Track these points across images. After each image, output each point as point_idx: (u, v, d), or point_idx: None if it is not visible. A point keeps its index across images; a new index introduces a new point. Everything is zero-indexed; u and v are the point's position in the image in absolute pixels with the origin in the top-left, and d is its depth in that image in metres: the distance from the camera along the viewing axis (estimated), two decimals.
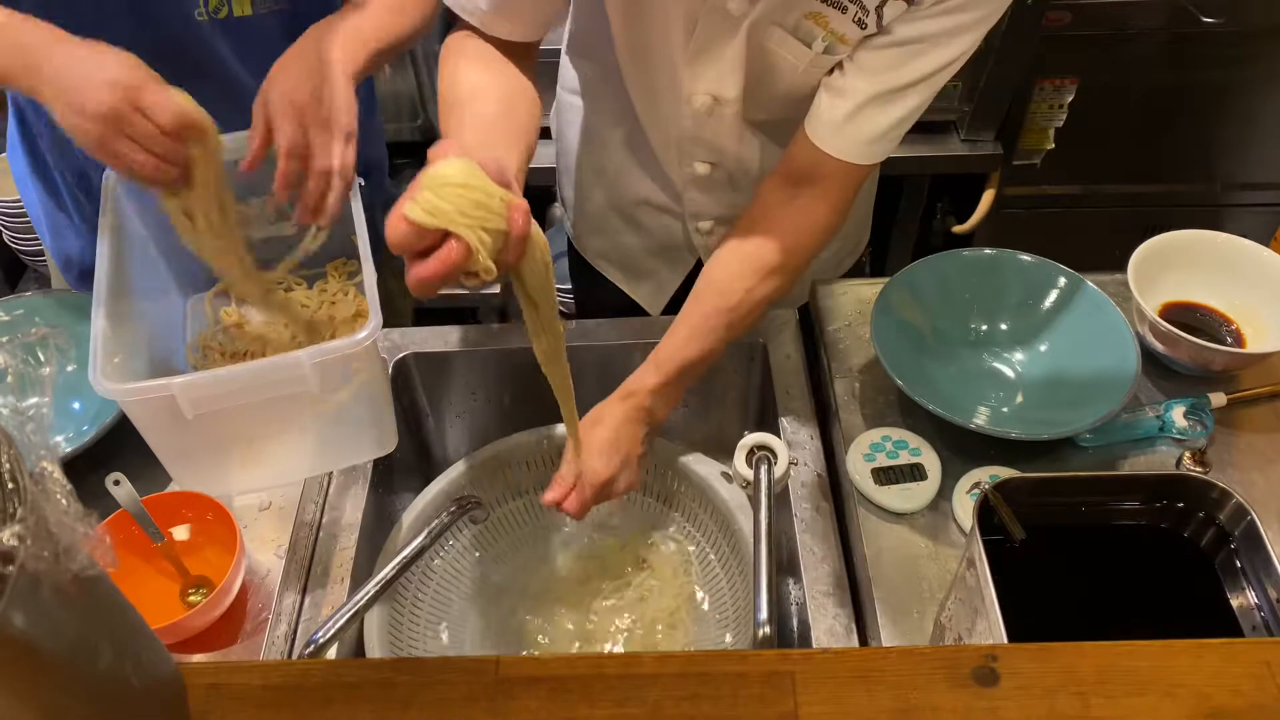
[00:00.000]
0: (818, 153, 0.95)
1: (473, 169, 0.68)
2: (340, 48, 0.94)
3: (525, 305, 0.80)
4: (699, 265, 1.19)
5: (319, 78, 0.91)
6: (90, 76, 0.81)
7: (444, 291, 0.72)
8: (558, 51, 1.19)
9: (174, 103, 0.82)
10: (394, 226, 0.67)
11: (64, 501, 0.45)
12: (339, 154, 0.90)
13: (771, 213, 0.99)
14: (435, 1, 1.07)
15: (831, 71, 0.93)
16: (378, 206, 1.30)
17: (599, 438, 0.98)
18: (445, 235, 0.67)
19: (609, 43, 1.03)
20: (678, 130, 1.06)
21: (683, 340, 1.00)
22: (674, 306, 1.25)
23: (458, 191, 0.66)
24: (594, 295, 1.36)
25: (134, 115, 0.81)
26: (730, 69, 0.96)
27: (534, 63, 1.00)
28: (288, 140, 0.88)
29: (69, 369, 1.07)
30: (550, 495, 0.99)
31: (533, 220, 0.72)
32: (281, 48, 0.94)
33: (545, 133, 1.82)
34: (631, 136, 1.14)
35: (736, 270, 1.00)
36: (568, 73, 1.19)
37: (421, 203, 0.66)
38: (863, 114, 0.92)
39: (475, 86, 0.92)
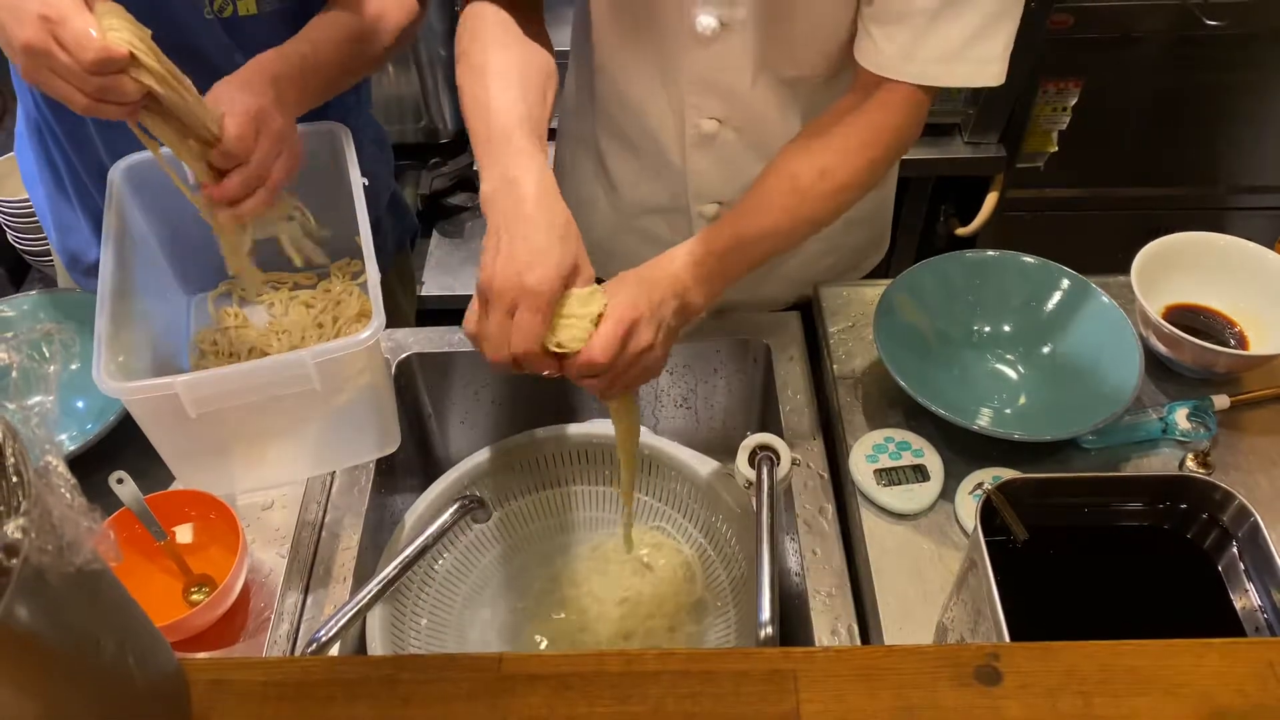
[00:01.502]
0: (888, 79, 0.87)
1: (590, 299, 0.80)
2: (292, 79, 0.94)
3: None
4: None
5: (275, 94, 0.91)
6: (20, 7, 0.76)
7: (442, 293, 0.74)
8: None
9: (90, 39, 0.75)
10: (538, 358, 0.79)
11: (68, 496, 0.45)
12: (280, 168, 0.90)
13: (847, 112, 0.90)
14: (404, 33, 1.08)
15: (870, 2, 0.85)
16: (383, 208, 1.31)
17: (617, 284, 0.84)
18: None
19: (593, 23, 0.99)
20: (680, 73, 0.98)
21: (736, 215, 0.87)
22: None
23: (580, 322, 0.79)
24: None
25: (57, 51, 0.75)
26: None
27: (544, 27, 0.97)
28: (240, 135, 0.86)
29: (73, 367, 1.07)
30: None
31: None
32: None
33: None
34: (627, 137, 1.10)
35: (810, 151, 0.89)
36: (565, 92, 1.17)
37: (566, 339, 0.79)
38: (935, 29, 0.83)
39: (498, 56, 0.90)
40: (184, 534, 0.96)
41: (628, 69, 1.02)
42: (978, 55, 0.87)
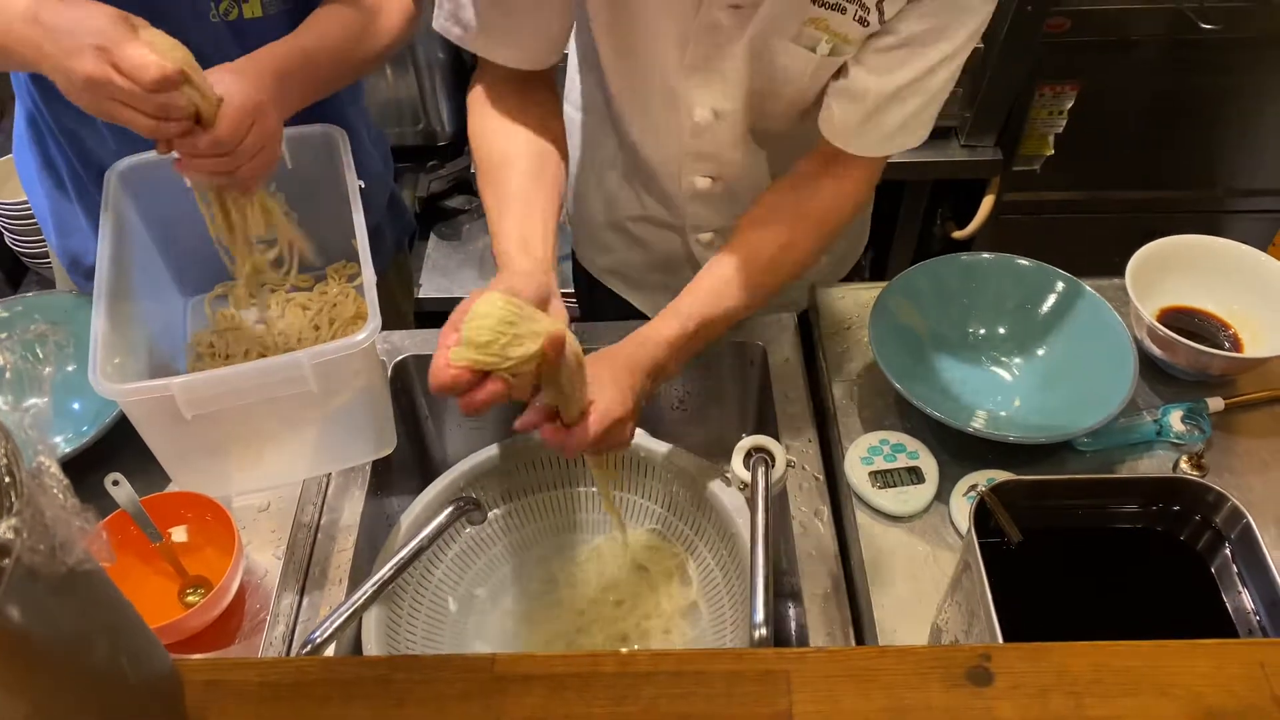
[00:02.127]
0: (842, 151, 0.95)
1: (507, 308, 0.76)
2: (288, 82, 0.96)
3: (555, 397, 0.84)
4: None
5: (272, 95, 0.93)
6: (72, 42, 0.79)
7: (439, 295, 0.75)
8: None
9: (148, 61, 0.79)
10: (441, 373, 0.75)
11: (60, 496, 0.45)
12: (256, 166, 0.91)
13: (807, 181, 0.98)
14: (400, 34, 1.10)
15: (838, 76, 0.93)
16: (382, 209, 1.31)
17: (608, 375, 0.88)
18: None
19: (598, 52, 1.02)
20: (677, 146, 1.06)
21: (705, 294, 0.95)
22: None
23: (495, 333, 0.74)
24: (597, 301, 1.36)
25: (117, 78, 0.79)
26: (732, 82, 0.96)
27: (554, 94, 1.02)
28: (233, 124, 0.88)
29: (69, 369, 1.07)
30: (528, 419, 0.87)
31: (568, 333, 0.80)
32: None
33: None
34: (628, 153, 1.14)
35: (770, 227, 0.96)
36: (573, 87, 1.19)
37: (465, 352, 0.74)
38: (882, 113, 0.91)
39: (505, 154, 0.96)
40: (179, 536, 0.96)
41: (633, 125, 1.09)
42: (914, 129, 0.95)
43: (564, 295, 1.96)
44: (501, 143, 0.97)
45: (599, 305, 1.36)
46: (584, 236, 1.30)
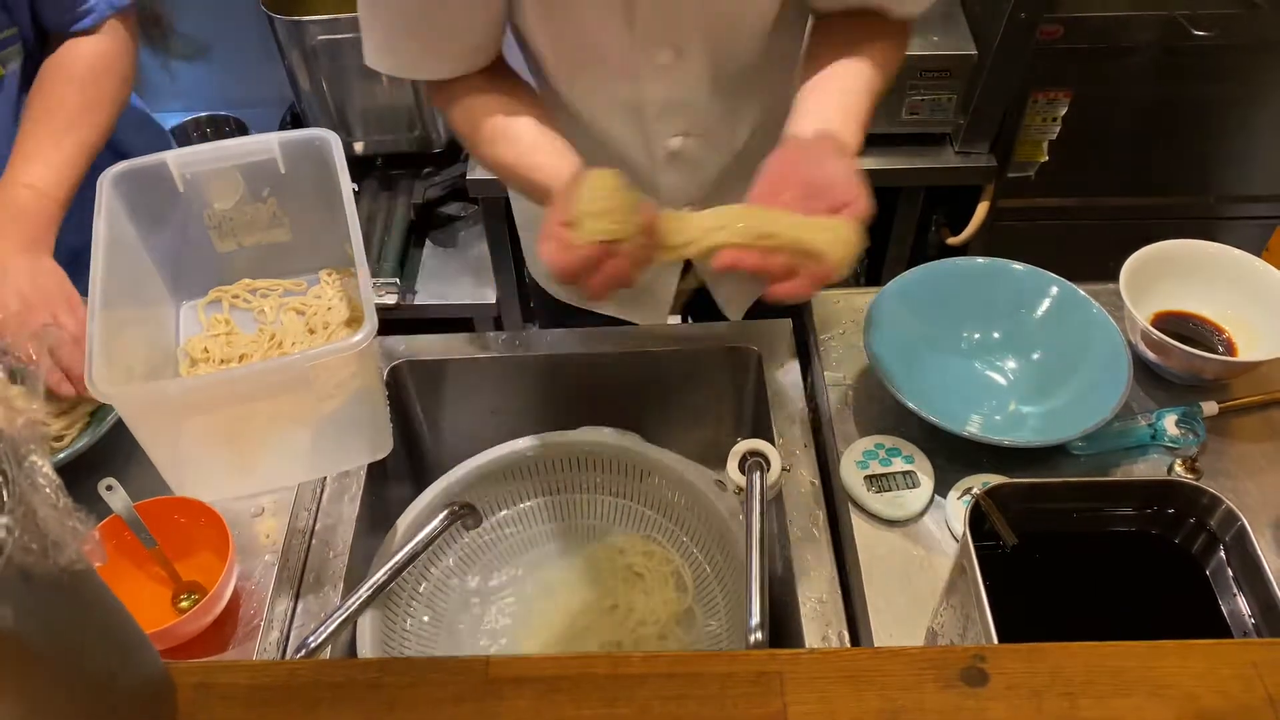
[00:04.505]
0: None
1: (618, 177, 0.75)
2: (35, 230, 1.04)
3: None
4: (687, 265, 1.16)
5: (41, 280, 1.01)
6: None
7: (443, 301, 0.73)
8: None
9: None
10: (563, 255, 0.74)
11: (53, 496, 0.45)
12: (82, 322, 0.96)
13: (838, 27, 0.95)
14: (120, 89, 1.16)
15: None
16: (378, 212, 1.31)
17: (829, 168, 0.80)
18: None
19: (543, 50, 1.00)
20: (641, 101, 1.01)
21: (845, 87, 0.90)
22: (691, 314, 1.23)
23: (615, 200, 0.74)
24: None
25: None
26: (688, 13, 0.92)
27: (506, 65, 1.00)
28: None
29: None
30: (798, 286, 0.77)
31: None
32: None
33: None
34: (588, 143, 1.05)
35: (846, 50, 0.92)
36: None
37: (591, 224, 0.73)
38: None
39: (501, 120, 0.93)
40: (174, 541, 0.95)
41: (589, 107, 1.04)
42: None
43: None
44: (491, 111, 0.94)
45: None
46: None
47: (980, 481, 0.97)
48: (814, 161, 0.82)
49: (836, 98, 0.90)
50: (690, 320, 1.35)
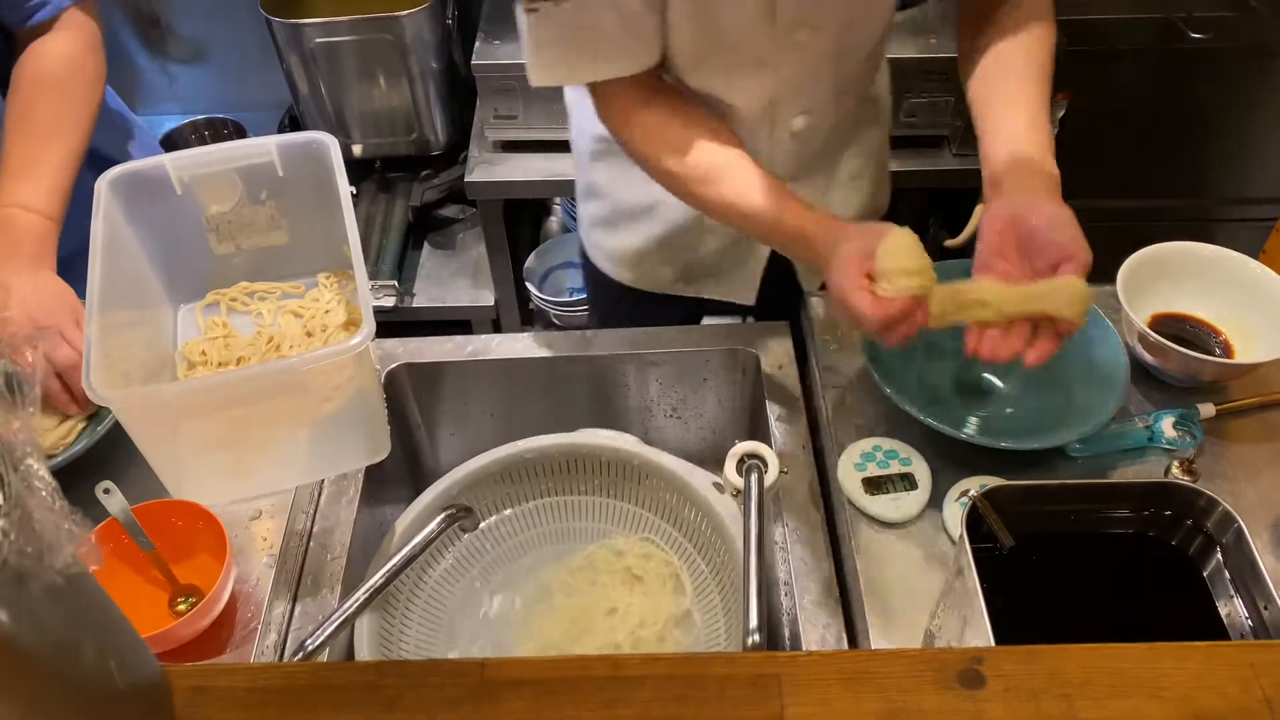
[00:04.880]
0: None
1: (914, 236, 0.84)
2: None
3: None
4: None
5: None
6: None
7: (441, 304, 0.73)
8: None
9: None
10: (885, 307, 0.82)
11: (49, 499, 0.45)
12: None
13: (986, 29, 1.00)
14: (94, 92, 1.16)
15: None
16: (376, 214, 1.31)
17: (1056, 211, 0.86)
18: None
19: (675, 51, 1.01)
20: (774, 83, 1.03)
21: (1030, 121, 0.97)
22: (765, 292, 1.25)
23: (922, 258, 0.83)
24: (647, 319, 1.30)
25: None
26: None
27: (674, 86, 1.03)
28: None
29: None
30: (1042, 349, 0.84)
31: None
32: None
33: (553, 146, 1.83)
34: None
35: (1012, 59, 0.99)
36: None
37: (904, 281, 0.82)
38: None
39: (715, 161, 0.97)
40: (171, 544, 0.95)
41: (719, 93, 1.05)
42: None
43: (566, 305, 1.97)
44: (703, 154, 0.98)
45: (639, 316, 1.32)
46: (644, 254, 1.25)
47: (978, 484, 0.97)
48: (1028, 214, 0.87)
49: (1023, 109, 0.95)
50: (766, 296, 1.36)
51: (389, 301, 1.96)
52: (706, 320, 1.36)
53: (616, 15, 0.91)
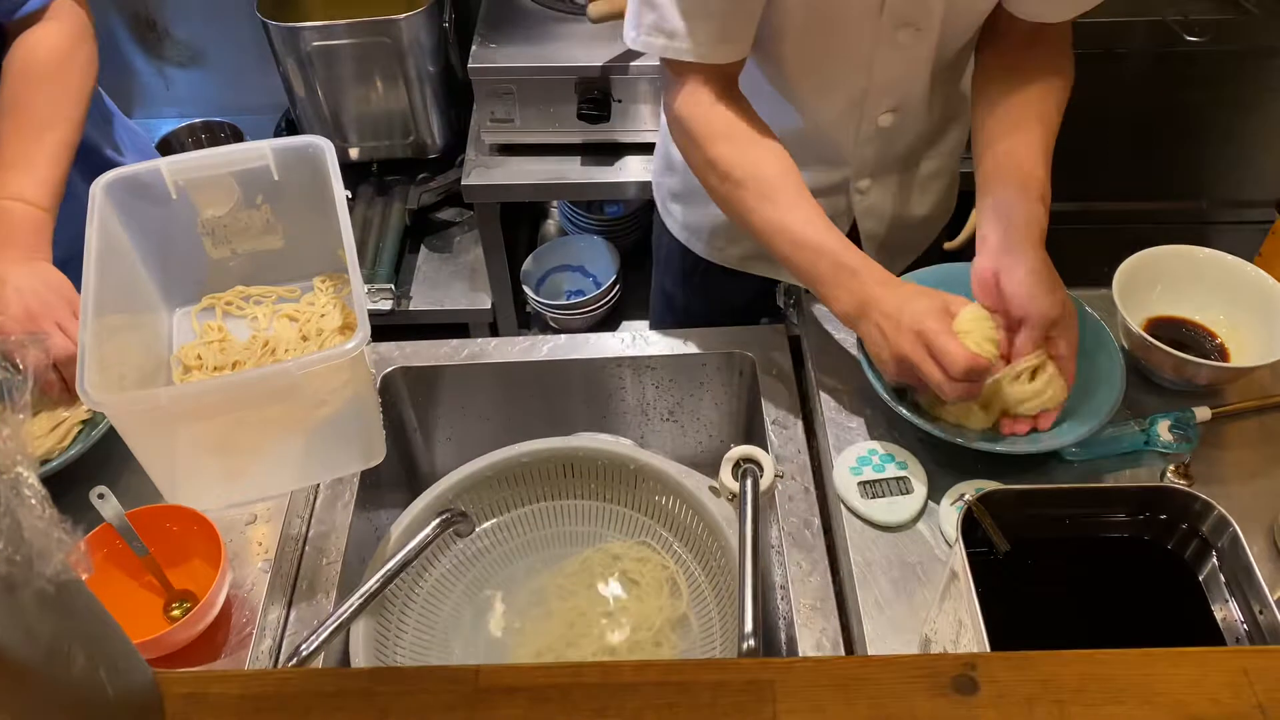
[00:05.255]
0: (1035, 25, 1.01)
1: (987, 312, 0.95)
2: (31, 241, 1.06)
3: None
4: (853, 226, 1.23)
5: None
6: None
7: (438, 307, 0.72)
8: None
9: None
10: (976, 360, 0.89)
11: (39, 506, 0.45)
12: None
13: (1011, 79, 1.04)
14: (85, 85, 1.17)
15: None
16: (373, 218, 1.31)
17: (1024, 274, 0.96)
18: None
19: (775, 36, 1.02)
20: (867, 81, 1.05)
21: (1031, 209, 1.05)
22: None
23: (992, 337, 0.93)
24: (718, 291, 1.35)
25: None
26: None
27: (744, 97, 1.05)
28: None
29: None
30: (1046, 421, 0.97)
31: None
32: None
33: (550, 149, 1.82)
34: (795, 122, 1.12)
35: (1022, 144, 1.06)
36: None
37: (984, 347, 0.92)
38: None
39: (769, 175, 1.00)
40: (165, 549, 0.95)
41: (808, 88, 1.09)
42: None
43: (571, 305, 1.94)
44: (761, 167, 1.00)
45: (720, 296, 1.36)
46: (723, 232, 1.28)
47: (973, 487, 0.97)
48: (1005, 283, 0.97)
49: (1020, 207, 1.04)
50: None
51: (386, 305, 1.96)
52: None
53: None
